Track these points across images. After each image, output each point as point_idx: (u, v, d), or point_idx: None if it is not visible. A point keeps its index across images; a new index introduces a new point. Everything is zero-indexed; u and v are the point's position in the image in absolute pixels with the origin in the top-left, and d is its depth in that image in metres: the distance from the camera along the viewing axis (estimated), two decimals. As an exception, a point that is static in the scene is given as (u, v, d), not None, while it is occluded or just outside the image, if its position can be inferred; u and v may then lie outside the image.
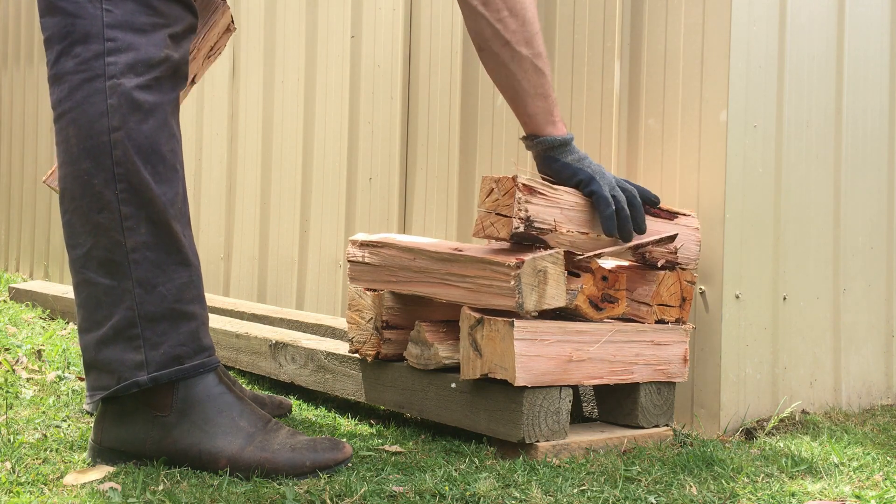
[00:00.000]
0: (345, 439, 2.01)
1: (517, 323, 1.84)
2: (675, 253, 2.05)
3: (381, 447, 1.95)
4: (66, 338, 3.13)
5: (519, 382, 1.84)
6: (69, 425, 2.01)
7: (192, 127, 3.80)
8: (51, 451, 1.79)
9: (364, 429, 2.15)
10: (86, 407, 2.15)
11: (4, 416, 2.04)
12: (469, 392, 1.96)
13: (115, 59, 1.70)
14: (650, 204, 2.04)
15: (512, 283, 1.82)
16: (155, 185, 1.70)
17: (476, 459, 1.85)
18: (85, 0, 1.71)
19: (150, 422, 1.73)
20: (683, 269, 2.09)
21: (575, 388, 2.05)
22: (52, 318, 3.61)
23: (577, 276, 1.95)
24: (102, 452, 1.75)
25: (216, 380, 1.77)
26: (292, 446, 1.72)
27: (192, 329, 1.75)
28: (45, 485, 1.59)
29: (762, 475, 1.82)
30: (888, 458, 1.98)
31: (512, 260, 1.83)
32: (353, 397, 2.25)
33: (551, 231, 1.89)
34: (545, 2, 2.51)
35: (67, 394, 2.33)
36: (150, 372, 1.71)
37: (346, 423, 2.20)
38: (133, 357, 1.71)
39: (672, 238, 2.03)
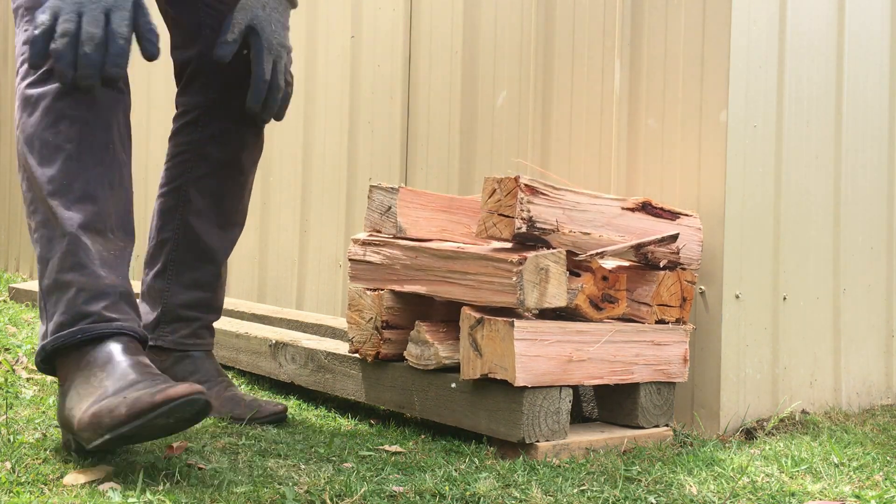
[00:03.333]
0: (345, 439, 2.01)
1: (517, 323, 1.84)
2: (678, 253, 2.05)
3: (381, 447, 1.95)
4: (65, 338, 3.13)
5: (519, 382, 1.84)
6: (69, 425, 2.01)
7: (192, 127, 3.80)
8: (51, 451, 1.79)
9: (364, 429, 2.15)
10: None
11: (4, 416, 2.03)
12: (469, 392, 1.96)
13: (22, 66, 1.80)
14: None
15: (514, 279, 1.82)
16: (37, 167, 1.77)
17: (476, 459, 1.85)
18: (18, 21, 1.84)
19: (59, 394, 1.75)
20: (684, 269, 2.09)
21: (575, 388, 2.05)
22: (52, 318, 3.61)
23: (578, 275, 1.95)
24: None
25: (121, 349, 1.71)
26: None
27: (70, 297, 1.73)
28: (45, 485, 1.59)
29: (762, 475, 1.82)
30: (888, 458, 1.98)
31: (514, 256, 1.83)
32: (353, 397, 2.25)
33: (553, 231, 1.90)
34: (545, 2, 2.51)
35: (67, 394, 2.33)
36: (43, 341, 1.74)
37: (346, 423, 2.20)
38: (42, 329, 1.77)
39: (674, 238, 2.03)
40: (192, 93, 2.22)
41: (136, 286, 2.81)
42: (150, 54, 1.75)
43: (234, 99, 2.17)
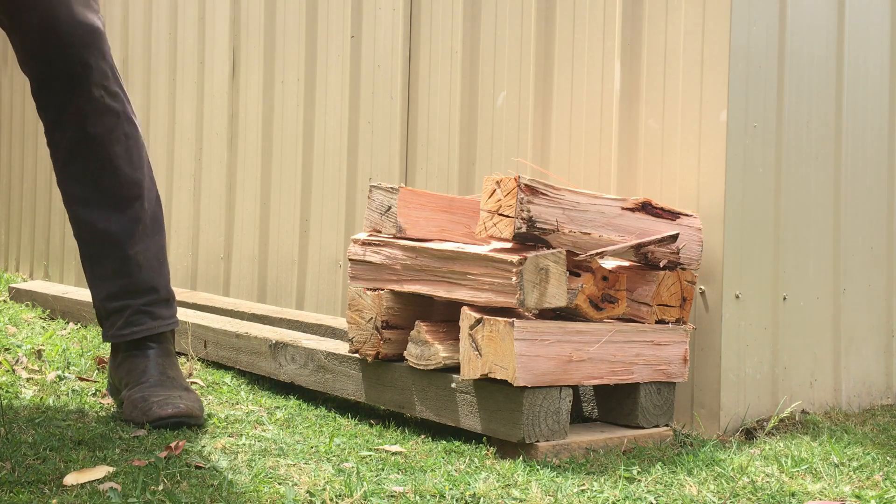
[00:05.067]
0: (345, 439, 2.01)
1: (517, 323, 1.84)
2: (678, 253, 2.05)
3: (381, 447, 1.95)
4: (66, 338, 3.13)
5: (519, 382, 1.84)
6: (69, 425, 2.01)
7: (192, 127, 3.80)
8: (51, 450, 1.79)
9: (364, 429, 2.15)
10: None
11: (4, 416, 2.03)
12: (469, 392, 1.96)
13: None
14: None
15: (514, 279, 1.82)
16: None
17: (476, 459, 1.85)
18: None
19: None
20: (684, 269, 2.09)
21: (575, 388, 2.05)
22: (52, 318, 3.61)
23: (578, 275, 1.95)
24: None
25: None
26: None
27: None
28: (45, 485, 1.59)
29: (762, 475, 1.82)
30: (888, 458, 1.98)
31: (515, 257, 1.83)
32: (353, 397, 2.25)
33: (553, 231, 1.90)
34: (546, 2, 2.51)
35: (67, 394, 2.33)
36: None
37: (346, 423, 2.20)
38: None
39: (674, 238, 2.03)
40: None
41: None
42: None
43: (44, 80, 2.08)
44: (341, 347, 2.33)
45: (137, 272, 2.15)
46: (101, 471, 1.66)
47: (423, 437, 2.06)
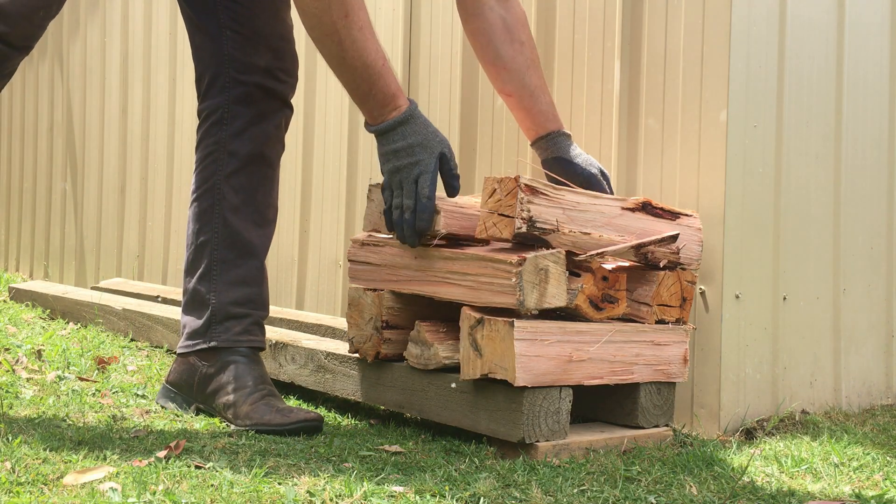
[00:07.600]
0: (345, 439, 2.01)
1: (517, 323, 1.84)
2: (678, 253, 2.05)
3: (381, 447, 1.95)
4: (65, 338, 3.13)
5: (519, 383, 1.84)
6: (69, 425, 2.01)
7: (193, 127, 3.80)
8: (51, 451, 1.79)
9: (364, 429, 2.15)
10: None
11: (4, 416, 2.04)
12: (469, 392, 1.96)
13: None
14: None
15: (513, 280, 1.82)
16: None
17: (476, 459, 1.85)
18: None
19: None
20: (684, 270, 2.09)
21: (575, 388, 2.05)
22: (52, 318, 3.61)
23: (578, 275, 1.95)
24: None
25: None
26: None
27: None
28: (45, 485, 1.59)
29: (762, 475, 1.82)
30: (888, 458, 1.98)
31: (514, 257, 1.83)
32: (353, 397, 2.25)
33: (554, 231, 1.90)
34: (546, 2, 2.51)
35: (67, 394, 2.33)
36: None
37: (346, 423, 2.20)
38: None
39: (674, 238, 2.03)
40: (213, 95, 2.26)
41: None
42: (454, 192, 2.02)
43: (254, 94, 2.24)
44: (341, 347, 2.33)
45: (265, 286, 2.29)
46: (101, 471, 1.66)
47: (423, 437, 2.06)
